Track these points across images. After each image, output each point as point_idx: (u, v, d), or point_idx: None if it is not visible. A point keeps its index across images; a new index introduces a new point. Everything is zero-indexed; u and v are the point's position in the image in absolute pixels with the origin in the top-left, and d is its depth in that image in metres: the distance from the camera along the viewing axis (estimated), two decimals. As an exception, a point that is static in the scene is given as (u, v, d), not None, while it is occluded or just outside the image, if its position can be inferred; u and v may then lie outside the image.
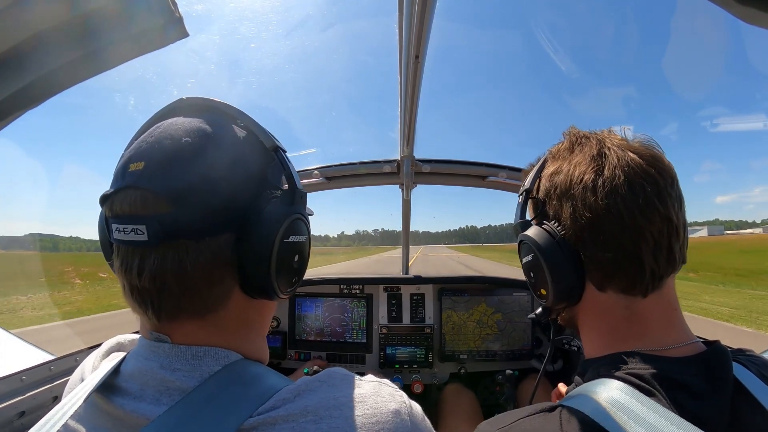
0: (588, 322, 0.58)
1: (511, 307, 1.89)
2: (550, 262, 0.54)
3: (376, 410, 0.43)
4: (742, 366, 0.50)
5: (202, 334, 0.46)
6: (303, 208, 0.52)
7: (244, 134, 0.49)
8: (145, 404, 0.41)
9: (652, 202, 0.49)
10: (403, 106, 1.43)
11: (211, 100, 0.50)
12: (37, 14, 0.59)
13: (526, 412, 0.50)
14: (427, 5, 0.91)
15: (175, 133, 0.43)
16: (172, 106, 0.50)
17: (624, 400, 0.43)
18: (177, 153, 0.42)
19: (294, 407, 0.41)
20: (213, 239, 0.43)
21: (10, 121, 0.70)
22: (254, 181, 0.47)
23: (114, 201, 0.42)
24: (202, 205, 0.42)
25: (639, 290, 0.51)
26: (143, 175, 0.41)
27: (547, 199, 0.58)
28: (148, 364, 0.44)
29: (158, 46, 0.69)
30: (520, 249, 0.62)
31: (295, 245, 0.50)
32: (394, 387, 0.49)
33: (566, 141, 0.60)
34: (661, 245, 0.50)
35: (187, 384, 0.42)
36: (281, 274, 0.48)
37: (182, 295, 0.43)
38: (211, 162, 0.43)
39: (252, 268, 0.45)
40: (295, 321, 1.93)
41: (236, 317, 0.48)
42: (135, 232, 0.40)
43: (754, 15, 0.49)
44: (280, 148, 0.50)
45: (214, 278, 0.44)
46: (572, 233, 0.53)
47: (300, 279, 0.54)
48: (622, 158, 0.52)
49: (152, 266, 0.41)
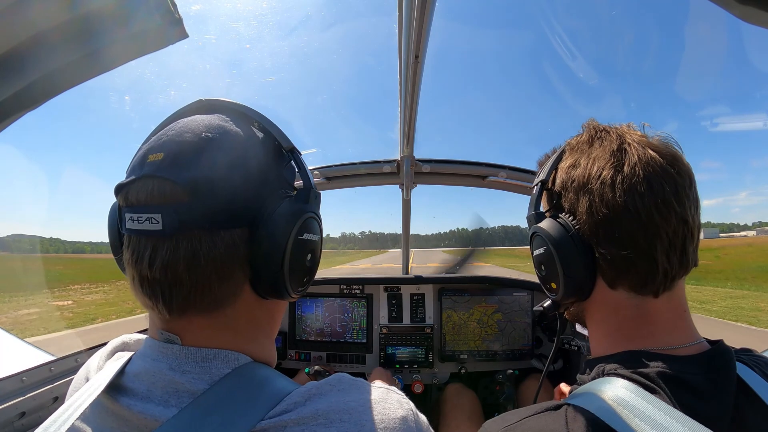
0: (596, 319, 0.58)
1: (511, 307, 1.89)
2: (562, 256, 0.54)
3: (384, 416, 0.44)
4: (746, 365, 0.50)
5: (211, 334, 0.46)
6: (317, 207, 0.53)
7: (261, 134, 0.50)
8: (153, 405, 0.41)
9: (669, 202, 0.49)
10: (403, 106, 1.43)
11: (229, 101, 0.51)
12: (37, 15, 0.59)
13: (531, 411, 0.50)
14: (427, 5, 0.91)
15: (196, 128, 0.44)
16: (192, 105, 0.51)
17: (629, 398, 0.43)
18: (197, 146, 0.43)
19: (305, 411, 0.41)
20: (227, 232, 0.43)
21: (10, 122, 0.70)
22: (270, 178, 0.48)
23: (130, 190, 0.42)
24: (218, 198, 0.42)
25: (650, 289, 0.51)
26: (162, 166, 0.41)
27: (563, 192, 0.57)
28: (157, 365, 0.44)
29: (158, 46, 0.69)
30: (533, 241, 0.61)
31: (308, 243, 0.50)
32: (401, 394, 0.50)
33: (585, 133, 0.59)
34: (675, 246, 0.50)
35: (197, 387, 0.42)
36: (293, 272, 0.48)
37: (193, 288, 0.42)
38: (229, 157, 0.44)
39: (265, 263, 0.45)
40: (296, 321, 1.93)
41: (246, 317, 0.48)
42: (150, 221, 0.40)
43: (754, 14, 0.49)
44: (296, 149, 0.52)
45: (225, 273, 0.44)
46: (587, 228, 0.52)
47: (311, 279, 0.54)
48: (642, 156, 0.51)
49: (165, 256, 0.41)
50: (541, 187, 0.61)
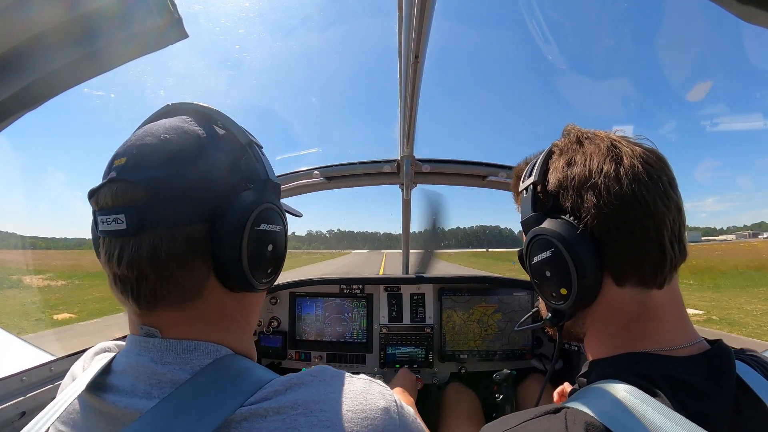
0: (598, 323, 0.56)
1: (511, 307, 1.89)
2: (575, 256, 0.51)
3: (365, 406, 0.44)
4: (746, 365, 0.50)
5: (187, 325, 0.47)
6: (276, 198, 0.54)
7: (221, 132, 0.51)
8: (136, 399, 0.42)
9: (668, 190, 0.51)
10: (402, 105, 1.43)
11: (194, 104, 0.53)
12: (37, 15, 0.59)
13: (531, 414, 0.49)
14: (427, 5, 0.91)
15: (156, 132, 0.47)
16: (160, 111, 0.53)
17: (630, 401, 0.43)
18: (156, 148, 0.45)
19: (285, 400, 0.42)
20: (187, 227, 0.45)
21: (10, 122, 0.70)
22: (229, 174, 0.49)
23: (99, 194, 0.45)
24: (177, 195, 0.44)
25: (658, 281, 0.51)
26: (124, 169, 0.44)
27: (561, 191, 0.55)
28: (140, 359, 0.45)
29: (158, 46, 0.69)
30: (533, 245, 0.57)
31: (267, 234, 0.51)
32: (385, 386, 0.50)
33: (572, 135, 0.58)
34: (675, 233, 0.51)
35: (178, 377, 0.43)
36: (254, 263, 0.49)
37: (159, 282, 0.44)
38: (185, 156, 0.45)
39: (224, 254, 0.47)
40: (295, 321, 1.93)
41: (216, 309, 0.49)
42: (116, 221, 0.43)
43: (753, 14, 0.49)
44: (254, 143, 0.53)
45: (188, 266, 0.45)
46: (597, 223, 0.51)
47: (276, 270, 0.55)
48: (635, 150, 0.53)
49: (130, 254, 0.43)
50: (534, 188, 0.59)
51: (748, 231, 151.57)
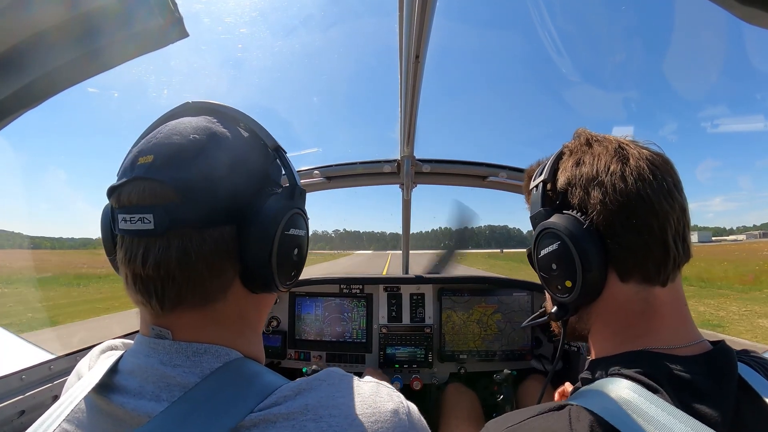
0: (602, 319, 0.58)
1: (511, 307, 1.89)
2: (581, 249, 0.53)
3: (375, 410, 0.44)
4: (748, 366, 0.50)
5: (201, 328, 0.46)
6: (302, 204, 0.55)
7: (247, 134, 0.51)
8: (145, 401, 0.42)
9: (672, 191, 0.53)
10: (403, 106, 1.43)
11: (215, 103, 0.53)
12: (37, 14, 0.59)
13: (534, 411, 0.50)
14: (428, 5, 0.91)
15: (184, 131, 0.46)
16: (179, 108, 0.53)
17: (633, 398, 0.43)
18: (185, 148, 0.44)
19: (294, 405, 0.41)
20: (216, 230, 0.45)
21: (9, 121, 0.70)
22: (256, 177, 0.50)
23: (122, 192, 0.44)
24: (206, 197, 0.44)
25: (662, 278, 0.52)
26: (152, 168, 0.43)
27: (569, 189, 0.57)
28: (149, 360, 0.44)
29: (158, 46, 0.69)
30: (540, 239, 0.60)
31: (295, 238, 0.52)
32: (392, 388, 0.50)
33: (582, 138, 0.61)
34: (678, 233, 0.52)
35: (188, 380, 0.43)
36: (281, 266, 0.50)
37: (185, 283, 0.44)
38: (216, 158, 0.45)
39: (253, 257, 0.47)
40: (295, 321, 1.93)
41: (235, 311, 0.49)
42: (142, 221, 0.42)
43: (755, 15, 0.49)
44: (280, 148, 0.54)
45: (216, 268, 0.45)
46: (602, 219, 0.53)
47: (298, 273, 0.56)
48: (641, 153, 0.55)
49: (157, 254, 0.42)
50: (543, 186, 0.61)
51: (758, 231, 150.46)
